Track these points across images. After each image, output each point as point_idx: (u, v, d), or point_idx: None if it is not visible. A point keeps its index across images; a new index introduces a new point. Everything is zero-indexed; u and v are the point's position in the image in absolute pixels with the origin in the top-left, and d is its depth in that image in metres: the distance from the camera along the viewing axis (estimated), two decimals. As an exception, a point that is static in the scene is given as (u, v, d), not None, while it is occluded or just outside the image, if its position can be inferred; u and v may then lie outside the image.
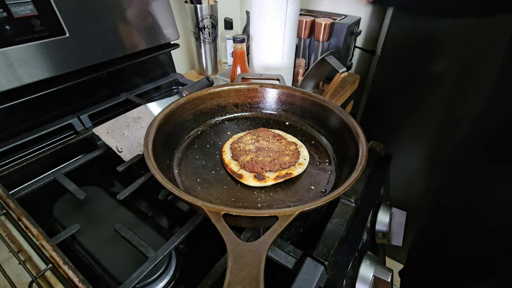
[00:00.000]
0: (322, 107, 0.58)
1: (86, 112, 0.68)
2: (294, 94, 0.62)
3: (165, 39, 0.80)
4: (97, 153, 0.57)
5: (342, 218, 0.45)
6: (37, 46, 0.56)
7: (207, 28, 0.96)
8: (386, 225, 0.54)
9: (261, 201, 0.46)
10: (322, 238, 0.42)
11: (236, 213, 0.34)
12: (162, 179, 0.39)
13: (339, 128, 0.54)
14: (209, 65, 1.05)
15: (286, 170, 0.49)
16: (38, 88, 0.59)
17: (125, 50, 0.71)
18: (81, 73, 0.64)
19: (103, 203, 0.52)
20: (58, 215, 0.49)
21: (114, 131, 0.57)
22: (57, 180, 0.50)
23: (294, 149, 0.54)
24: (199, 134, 0.60)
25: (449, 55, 1.03)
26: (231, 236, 0.31)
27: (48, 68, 0.59)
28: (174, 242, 0.40)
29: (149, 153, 0.43)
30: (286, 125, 0.63)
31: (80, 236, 0.45)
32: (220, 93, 0.62)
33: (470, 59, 0.98)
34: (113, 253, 0.44)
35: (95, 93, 0.73)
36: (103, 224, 0.48)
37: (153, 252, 0.38)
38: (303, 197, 0.46)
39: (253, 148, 0.53)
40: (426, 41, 1.04)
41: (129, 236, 0.40)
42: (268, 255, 0.41)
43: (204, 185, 0.49)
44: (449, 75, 1.05)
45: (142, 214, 0.53)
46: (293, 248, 0.42)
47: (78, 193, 0.48)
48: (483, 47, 0.95)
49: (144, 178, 0.49)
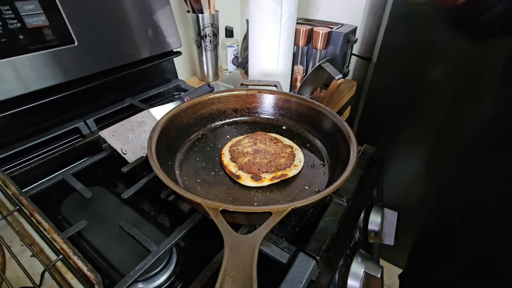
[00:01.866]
0: (317, 112, 0.61)
1: (92, 117, 0.71)
2: (291, 99, 0.65)
3: (168, 47, 0.84)
4: (102, 155, 0.60)
5: (334, 217, 0.47)
6: (47, 54, 0.60)
7: (208, 36, 1.00)
8: (378, 225, 0.57)
9: (258, 200, 0.49)
10: (315, 234, 0.44)
11: (233, 209, 0.36)
12: (165, 178, 0.41)
13: (333, 132, 0.57)
14: (210, 71, 1.09)
15: (281, 172, 0.52)
16: (47, 94, 0.62)
17: (130, 57, 0.75)
18: (88, 80, 0.68)
19: (108, 202, 0.55)
20: (66, 213, 0.52)
21: (119, 134, 0.60)
22: (65, 180, 0.53)
23: (289, 151, 0.57)
24: (199, 138, 0.63)
25: (445, 63, 1.06)
26: (228, 229, 0.33)
27: (57, 75, 0.62)
28: (175, 238, 0.42)
29: (152, 155, 0.46)
30: (283, 129, 0.66)
31: (86, 233, 0.48)
32: (220, 99, 0.65)
33: (467, 67, 1.01)
34: (117, 248, 0.46)
35: (100, 98, 0.76)
36: (108, 222, 0.51)
37: (155, 247, 0.41)
38: (297, 196, 0.49)
39: (250, 150, 0.56)
40: (422, 49, 1.07)
41: (133, 232, 0.43)
42: (264, 251, 0.43)
43: (204, 185, 0.51)
44: (445, 82, 1.08)
45: (145, 213, 0.56)
46: (287, 245, 0.45)
47: (85, 192, 0.51)
48: (481, 56, 0.98)
49: (147, 178, 0.52)
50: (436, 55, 1.05)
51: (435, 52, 1.05)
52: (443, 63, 1.05)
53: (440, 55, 1.04)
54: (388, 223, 0.58)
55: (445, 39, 1.00)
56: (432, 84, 1.11)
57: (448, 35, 0.99)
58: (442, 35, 1.00)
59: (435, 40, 1.02)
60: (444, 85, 1.08)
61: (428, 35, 1.03)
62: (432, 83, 1.11)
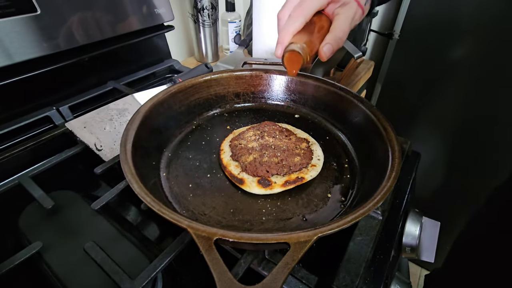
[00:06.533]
0: (339, 97, 0.49)
1: (66, 103, 0.59)
2: (306, 81, 0.53)
3: (158, 19, 0.71)
4: (72, 151, 0.48)
5: (367, 235, 0.36)
6: (0, 25, 0.47)
7: (206, 9, 0.86)
8: (416, 238, 0.45)
9: (267, 213, 0.37)
10: (344, 262, 0.33)
11: (233, 238, 0.25)
12: (140, 189, 0.30)
13: (361, 122, 0.45)
14: (209, 51, 0.96)
15: (296, 174, 0.41)
16: (4, 75, 0.50)
17: (110, 31, 0.62)
18: (58, 58, 0.56)
19: (79, 212, 0.44)
20: (25, 227, 0.41)
21: (93, 126, 0.48)
22: (22, 184, 0.42)
23: (305, 147, 0.45)
24: (193, 129, 0.51)
25: (471, 39, 0.92)
26: (225, 276, 0.22)
27: (17, 51, 0.50)
28: (157, 268, 0.32)
29: (126, 154, 0.34)
30: (295, 118, 0.54)
31: (46, 254, 0.37)
32: (218, 81, 0.53)
33: (495, 42, 0.87)
34: (85, 277, 0.36)
35: (78, 81, 0.64)
36: (77, 239, 0.40)
37: (128, 282, 0.30)
38: (319, 209, 0.38)
39: (256, 146, 0.44)
40: (449, 23, 0.93)
41: (100, 259, 0.32)
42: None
43: (197, 191, 0.40)
44: (471, 61, 0.94)
45: (125, 223, 0.45)
46: (306, 274, 0.34)
47: (45, 201, 0.40)
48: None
49: (125, 183, 0.41)
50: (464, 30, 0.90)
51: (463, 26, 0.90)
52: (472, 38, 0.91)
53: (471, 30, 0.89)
54: (427, 236, 0.47)
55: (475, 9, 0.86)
56: (459, 64, 0.97)
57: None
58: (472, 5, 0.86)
59: (465, 11, 0.88)
60: (475, 66, 0.95)
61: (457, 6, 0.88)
62: (459, 63, 0.97)
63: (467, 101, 1.00)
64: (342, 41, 0.42)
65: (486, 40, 0.89)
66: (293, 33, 0.40)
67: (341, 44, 0.42)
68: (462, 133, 1.05)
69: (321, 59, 0.42)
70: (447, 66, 0.99)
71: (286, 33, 0.40)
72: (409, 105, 1.13)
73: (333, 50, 0.41)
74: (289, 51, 0.39)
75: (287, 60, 0.41)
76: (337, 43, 0.41)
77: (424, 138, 1.15)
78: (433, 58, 1.00)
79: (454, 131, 1.07)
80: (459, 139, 1.07)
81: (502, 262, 0.55)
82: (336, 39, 0.41)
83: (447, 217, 1.02)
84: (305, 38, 0.40)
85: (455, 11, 0.90)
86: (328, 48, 0.41)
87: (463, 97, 1.00)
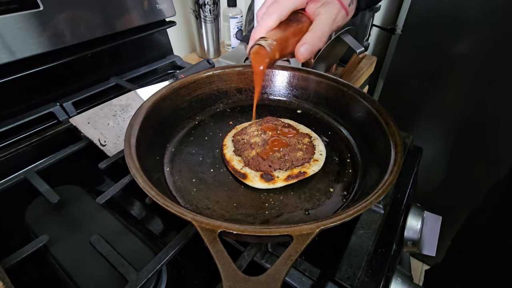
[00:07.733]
0: (341, 92, 0.49)
1: (70, 99, 0.60)
2: (308, 77, 0.53)
3: (160, 15, 0.71)
4: (77, 146, 0.49)
5: (369, 229, 0.36)
6: (3, 22, 0.48)
7: (208, 4, 0.86)
8: (418, 232, 0.46)
9: (269, 207, 0.38)
10: (346, 255, 0.33)
11: (237, 231, 0.26)
12: (144, 183, 0.30)
13: (363, 117, 0.45)
14: (211, 47, 0.96)
15: (299, 168, 0.41)
16: (7, 71, 0.50)
17: (112, 27, 0.62)
18: (60, 54, 0.56)
19: (84, 206, 0.45)
20: (32, 221, 0.42)
21: (96, 121, 0.49)
22: (28, 179, 0.42)
23: (307, 142, 0.45)
24: (196, 125, 0.51)
25: (474, 34, 0.91)
26: (229, 267, 0.23)
27: (19, 48, 0.50)
28: (162, 260, 0.32)
29: (130, 149, 0.35)
30: (298, 113, 0.54)
31: (53, 247, 0.38)
32: (220, 76, 0.53)
33: (498, 37, 0.87)
34: (91, 269, 0.36)
35: (81, 78, 0.64)
36: (83, 232, 0.41)
37: (134, 274, 0.31)
38: (321, 203, 0.38)
39: (259, 141, 0.44)
40: (451, 18, 0.92)
41: (106, 252, 0.33)
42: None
43: (201, 186, 0.41)
44: (473, 57, 0.94)
45: (130, 218, 0.46)
46: (308, 266, 0.34)
47: (50, 196, 0.40)
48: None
49: (130, 177, 0.41)
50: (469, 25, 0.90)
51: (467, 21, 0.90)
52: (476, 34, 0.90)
53: (475, 25, 0.89)
54: (429, 230, 0.47)
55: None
56: (462, 59, 0.97)
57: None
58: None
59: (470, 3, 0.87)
60: (477, 61, 0.94)
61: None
62: (463, 58, 0.96)
63: (469, 96, 1.00)
64: (321, 42, 0.40)
65: (488, 35, 0.89)
66: (266, 29, 0.39)
67: (320, 45, 0.40)
68: (464, 128, 1.05)
69: (298, 60, 0.40)
70: (450, 61, 0.98)
71: (259, 29, 0.39)
72: (411, 100, 1.13)
73: (311, 51, 0.39)
74: (255, 46, 0.38)
75: (253, 55, 0.39)
76: (316, 44, 0.39)
77: (426, 133, 1.15)
78: (435, 53, 1.00)
79: (456, 126, 1.07)
80: (461, 134, 1.07)
81: (502, 256, 0.56)
82: (315, 39, 0.39)
83: (448, 211, 1.02)
84: (279, 35, 0.39)
85: (458, 6, 0.89)
86: (305, 48, 0.39)
87: (465, 93, 1.00)
